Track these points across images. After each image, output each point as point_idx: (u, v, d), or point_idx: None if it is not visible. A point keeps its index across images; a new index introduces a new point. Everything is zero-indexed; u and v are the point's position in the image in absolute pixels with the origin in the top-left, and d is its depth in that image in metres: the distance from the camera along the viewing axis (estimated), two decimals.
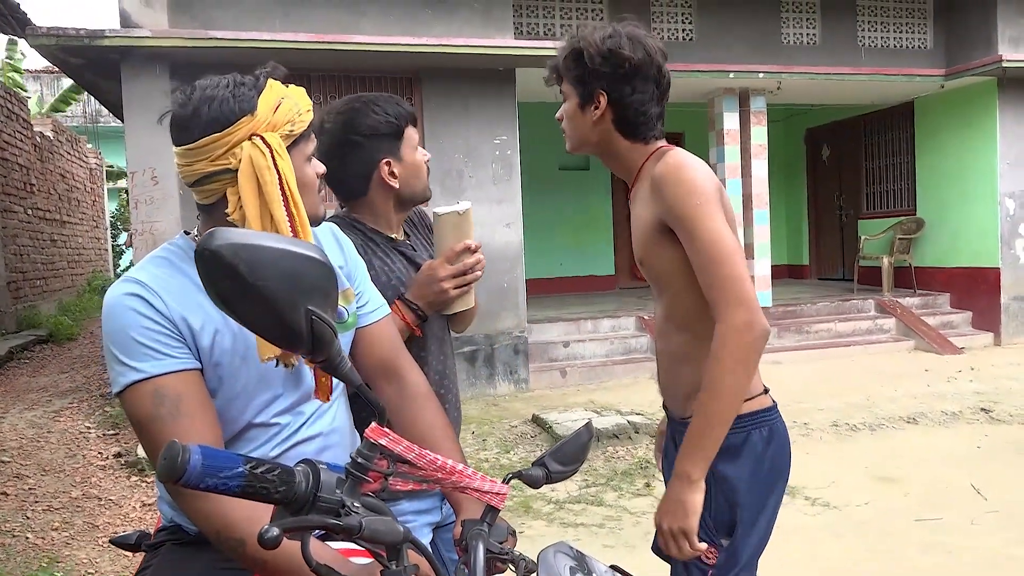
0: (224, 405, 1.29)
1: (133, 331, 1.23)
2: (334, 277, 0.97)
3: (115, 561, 3.75)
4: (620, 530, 4.01)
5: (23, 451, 5.23)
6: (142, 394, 1.21)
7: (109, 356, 1.25)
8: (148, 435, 1.22)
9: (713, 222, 1.52)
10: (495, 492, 1.13)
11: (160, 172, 6.06)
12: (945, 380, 7.00)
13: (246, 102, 1.25)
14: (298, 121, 1.30)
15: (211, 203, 1.31)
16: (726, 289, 1.50)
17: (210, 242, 0.89)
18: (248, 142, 1.25)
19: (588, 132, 1.70)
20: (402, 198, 1.87)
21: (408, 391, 1.53)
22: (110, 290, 1.27)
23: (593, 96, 1.66)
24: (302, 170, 1.34)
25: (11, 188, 9.73)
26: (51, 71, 16.49)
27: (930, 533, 3.84)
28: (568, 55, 1.68)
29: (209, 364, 1.28)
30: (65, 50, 5.90)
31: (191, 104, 1.26)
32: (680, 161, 1.58)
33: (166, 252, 1.33)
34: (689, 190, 1.54)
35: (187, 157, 1.27)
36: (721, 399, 1.51)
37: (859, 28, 8.64)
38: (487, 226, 7.13)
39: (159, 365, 1.22)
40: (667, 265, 1.63)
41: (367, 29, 6.58)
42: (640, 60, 1.62)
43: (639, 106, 1.65)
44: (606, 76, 1.63)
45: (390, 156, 1.82)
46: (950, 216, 9.36)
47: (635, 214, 1.71)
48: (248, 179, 1.24)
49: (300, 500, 0.89)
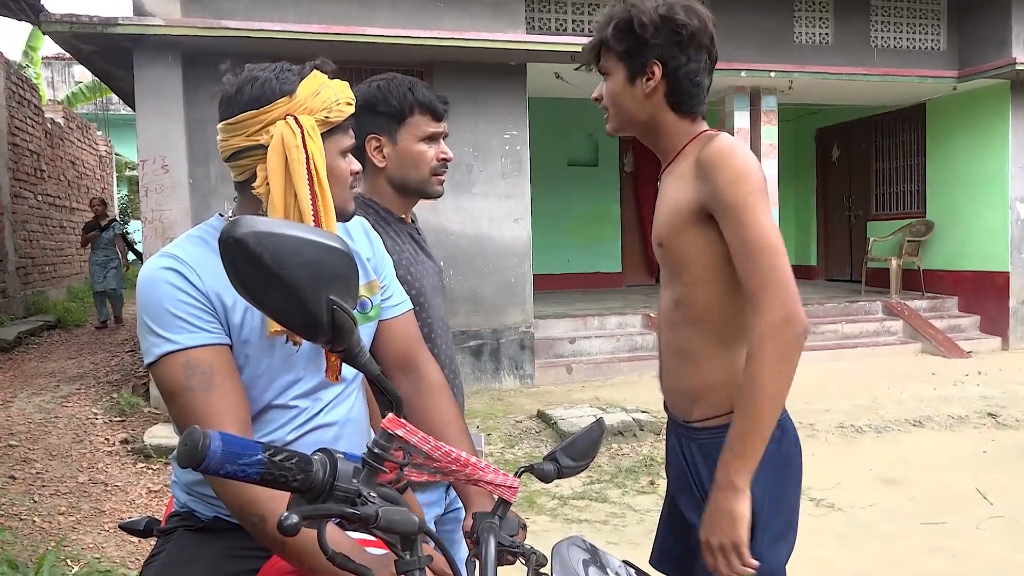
0: (248, 383, 1.31)
1: (168, 303, 1.25)
2: (355, 267, 0.98)
3: (121, 547, 3.77)
4: (624, 527, 4.01)
5: (31, 435, 5.26)
6: (174, 365, 1.24)
7: (143, 328, 1.27)
8: (178, 406, 1.25)
9: (762, 213, 1.47)
10: (507, 485, 1.13)
11: (171, 160, 6.07)
12: (952, 384, 6.98)
13: (287, 84, 1.29)
14: (335, 110, 1.33)
15: (244, 179, 1.35)
16: (769, 279, 1.44)
17: (234, 230, 0.90)
18: (282, 121, 1.28)
19: (638, 108, 1.60)
20: (393, 182, 1.86)
21: (424, 384, 1.55)
22: (146, 264, 1.30)
23: (646, 67, 1.56)
24: (334, 161, 1.36)
25: (22, 174, 9.77)
26: (62, 57, 16.53)
27: (935, 537, 3.84)
28: (616, 25, 1.57)
29: (238, 341, 1.30)
30: (78, 37, 5.91)
31: (237, 83, 1.31)
32: (732, 146, 1.51)
33: (202, 232, 1.36)
34: (740, 176, 1.47)
35: (226, 132, 1.31)
36: (764, 401, 1.43)
37: (872, 28, 8.60)
38: (495, 221, 7.13)
39: (192, 338, 1.25)
40: (693, 251, 1.55)
41: (379, 21, 6.58)
42: (696, 27, 1.54)
43: (694, 76, 1.56)
44: (660, 45, 1.54)
45: (381, 135, 1.83)
46: (960, 219, 9.32)
47: (665, 193, 1.62)
48: (277, 155, 1.27)
49: (317, 488, 0.89)
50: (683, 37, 1.53)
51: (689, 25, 1.53)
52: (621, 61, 1.59)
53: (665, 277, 1.67)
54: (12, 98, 9.48)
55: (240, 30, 5.97)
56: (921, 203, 9.97)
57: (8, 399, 6.09)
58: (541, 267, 9.21)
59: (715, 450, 1.53)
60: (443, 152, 1.89)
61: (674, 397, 1.69)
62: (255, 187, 1.30)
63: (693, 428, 1.63)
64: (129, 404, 5.98)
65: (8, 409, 5.83)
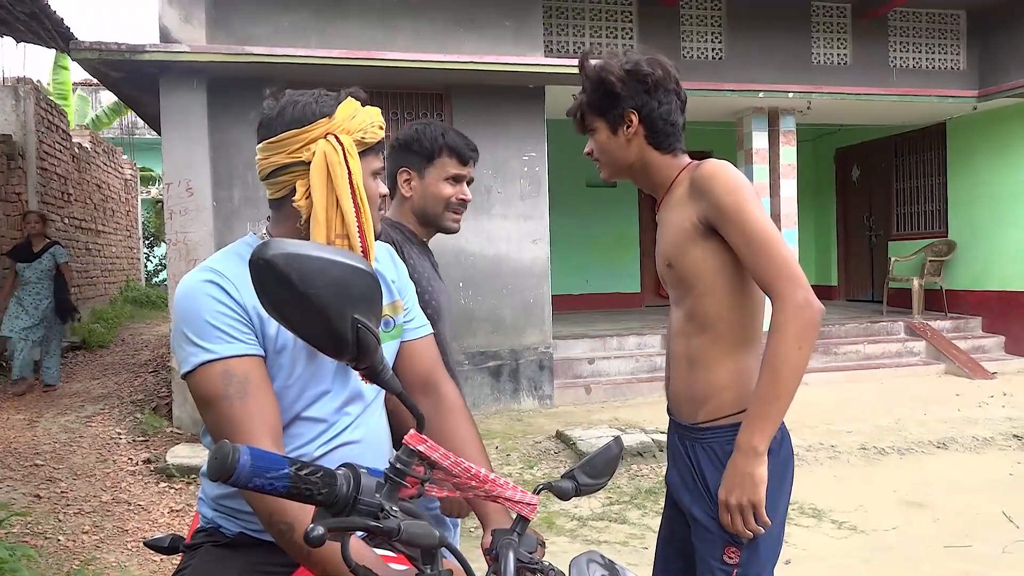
0: (279, 392, 1.35)
1: (207, 315, 1.30)
2: (380, 288, 1.01)
3: (144, 565, 3.81)
4: (644, 549, 3.99)
5: (56, 455, 5.33)
6: (212, 374, 1.28)
7: (180, 338, 1.32)
8: (215, 414, 1.28)
9: (759, 212, 1.62)
10: (526, 502, 1.15)
11: (195, 184, 6.18)
12: (976, 405, 6.89)
13: (326, 107, 1.37)
14: (370, 131, 1.41)
15: (281, 196, 1.41)
16: (783, 269, 1.57)
17: (264, 251, 0.94)
18: (323, 139, 1.35)
19: (624, 153, 1.79)
20: (415, 211, 2.14)
21: (444, 405, 1.59)
22: (186, 277, 1.36)
23: (623, 116, 1.75)
24: (367, 181, 1.42)
25: (50, 197, 9.96)
26: (89, 83, 16.87)
27: (960, 561, 3.78)
28: (590, 89, 1.78)
29: (272, 352, 1.35)
30: (107, 64, 6.05)
31: (278, 106, 1.39)
32: (720, 163, 1.69)
33: (238, 248, 1.42)
34: (733, 186, 1.63)
35: (267, 151, 1.38)
36: (785, 371, 1.56)
37: (891, 48, 8.60)
38: (514, 242, 7.16)
39: (230, 348, 1.30)
40: (698, 264, 1.69)
41: (400, 45, 6.68)
42: (659, 75, 1.73)
43: (667, 116, 1.75)
44: (631, 95, 1.73)
45: (412, 169, 2.13)
46: (982, 239, 9.23)
47: (667, 220, 1.77)
48: (319, 171, 1.34)
49: (341, 502, 0.92)
50: (649, 85, 1.72)
51: (653, 74, 1.72)
52: (602, 116, 1.79)
53: (675, 296, 1.81)
54: (41, 123, 9.70)
55: (264, 56, 6.09)
56: (943, 223, 9.89)
57: (34, 419, 6.18)
58: (560, 287, 9.23)
59: (720, 449, 1.69)
60: (462, 193, 2.16)
61: (681, 402, 1.80)
62: (295, 200, 1.36)
63: (699, 429, 1.74)
64: (152, 424, 6.05)
65: (34, 429, 5.91)
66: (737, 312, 1.69)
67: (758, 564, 1.67)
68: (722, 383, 1.70)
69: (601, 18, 7.88)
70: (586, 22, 7.83)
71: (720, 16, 8.16)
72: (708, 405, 1.71)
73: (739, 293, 1.68)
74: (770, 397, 1.57)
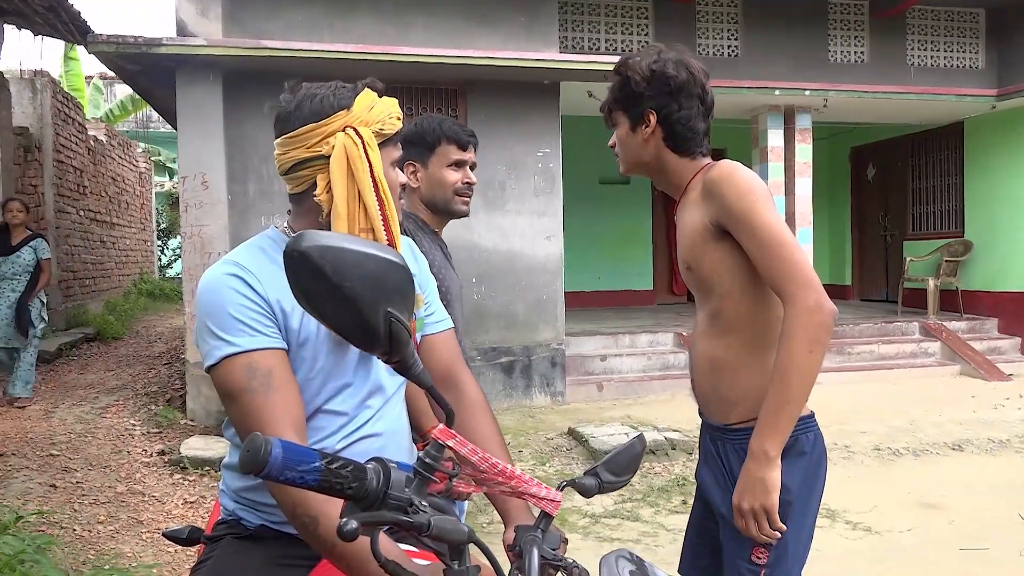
0: (301, 384, 1.35)
1: (231, 308, 1.30)
2: (412, 282, 1.01)
3: (159, 555, 3.83)
4: (657, 547, 3.98)
5: (71, 445, 5.37)
6: (236, 367, 1.28)
7: (203, 331, 1.31)
8: (239, 406, 1.28)
9: (771, 215, 1.61)
10: (550, 499, 1.15)
11: (210, 178, 6.20)
12: (992, 407, 6.83)
13: (344, 100, 1.36)
14: (388, 123, 1.40)
15: (301, 191, 1.40)
16: (794, 272, 1.57)
17: (299, 243, 0.93)
18: (342, 132, 1.34)
19: (641, 151, 1.81)
20: (424, 200, 2.23)
21: (465, 400, 1.59)
22: (209, 271, 1.35)
23: (643, 116, 1.77)
24: (387, 171, 1.42)
25: (65, 190, 10.03)
26: (104, 76, 16.95)
27: (975, 563, 3.75)
28: (615, 85, 1.81)
29: (295, 345, 1.34)
30: (123, 57, 6.07)
31: (295, 100, 1.37)
32: (733, 165, 1.69)
33: (260, 242, 1.41)
34: (745, 189, 1.63)
35: (285, 146, 1.37)
36: (797, 377, 1.55)
37: (908, 47, 8.53)
38: (528, 238, 7.16)
39: (253, 341, 1.29)
40: (716, 266, 1.69)
41: (414, 41, 6.68)
42: (684, 79, 1.73)
43: (686, 121, 1.75)
44: (653, 96, 1.74)
45: (416, 162, 2.23)
46: (999, 239, 9.15)
47: (682, 222, 1.78)
48: (339, 164, 1.33)
49: (371, 497, 0.91)
50: (672, 88, 1.73)
51: (677, 77, 1.72)
52: (624, 112, 1.81)
53: (698, 298, 1.81)
54: (58, 116, 9.76)
55: (279, 50, 6.10)
56: (959, 223, 9.82)
57: (50, 409, 6.22)
58: (572, 284, 9.21)
59: None
60: (467, 177, 2.25)
61: (710, 403, 1.80)
62: (316, 194, 1.35)
63: (731, 430, 1.74)
64: (166, 416, 6.08)
65: (50, 419, 5.96)
66: (758, 313, 1.69)
67: (786, 565, 1.66)
68: (748, 385, 1.70)
69: (616, 14, 7.85)
70: (601, 18, 7.81)
71: (736, 13, 8.12)
72: (739, 408, 1.71)
73: (759, 294, 1.68)
74: (781, 402, 1.57)
